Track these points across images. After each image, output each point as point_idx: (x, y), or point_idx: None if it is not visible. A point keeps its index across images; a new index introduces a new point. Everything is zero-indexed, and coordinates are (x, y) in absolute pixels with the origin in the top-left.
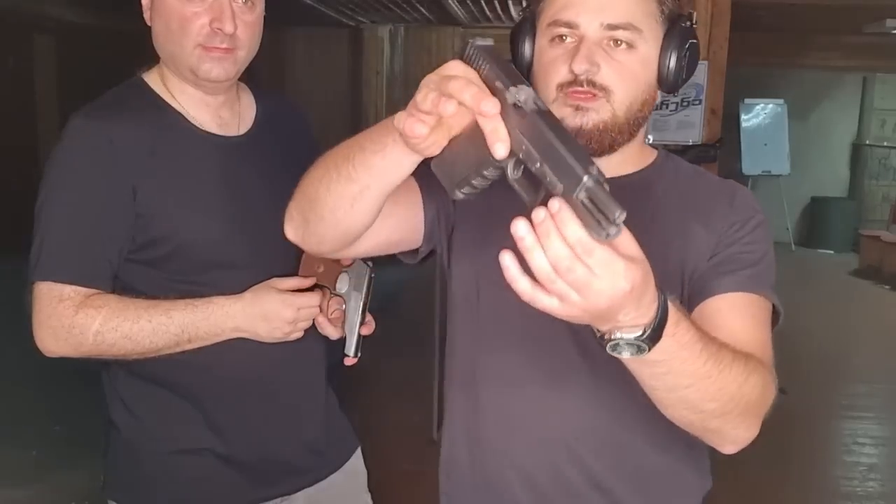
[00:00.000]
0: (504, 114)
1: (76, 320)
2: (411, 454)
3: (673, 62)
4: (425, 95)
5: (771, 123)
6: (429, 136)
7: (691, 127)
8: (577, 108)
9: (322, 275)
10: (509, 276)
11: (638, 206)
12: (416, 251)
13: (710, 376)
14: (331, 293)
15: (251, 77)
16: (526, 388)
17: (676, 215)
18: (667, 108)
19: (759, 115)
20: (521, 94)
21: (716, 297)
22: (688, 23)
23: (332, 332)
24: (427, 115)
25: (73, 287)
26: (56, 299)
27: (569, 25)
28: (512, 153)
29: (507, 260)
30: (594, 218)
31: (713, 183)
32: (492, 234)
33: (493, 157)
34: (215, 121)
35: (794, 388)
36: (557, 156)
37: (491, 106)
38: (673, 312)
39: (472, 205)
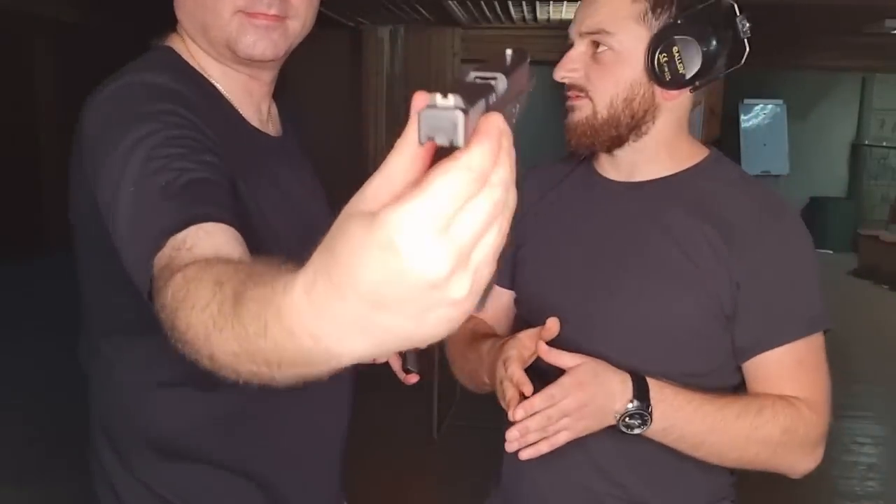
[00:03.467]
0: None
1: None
2: (411, 454)
3: (657, 58)
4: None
5: (770, 124)
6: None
7: (690, 127)
8: (569, 109)
9: None
10: (526, 443)
11: (659, 211)
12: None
13: (715, 430)
14: None
15: None
16: None
17: (696, 223)
18: None
19: (758, 115)
20: (452, 100)
21: (764, 354)
22: (680, 20)
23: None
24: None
25: (167, 245)
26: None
27: (570, 45)
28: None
29: (512, 435)
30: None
31: (757, 197)
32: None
33: None
34: (257, 116)
35: None
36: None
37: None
38: (653, 382)
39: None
